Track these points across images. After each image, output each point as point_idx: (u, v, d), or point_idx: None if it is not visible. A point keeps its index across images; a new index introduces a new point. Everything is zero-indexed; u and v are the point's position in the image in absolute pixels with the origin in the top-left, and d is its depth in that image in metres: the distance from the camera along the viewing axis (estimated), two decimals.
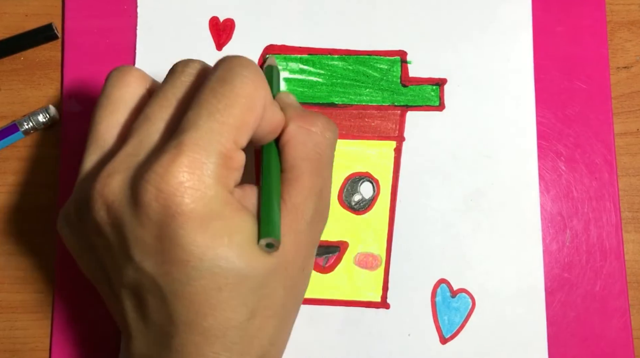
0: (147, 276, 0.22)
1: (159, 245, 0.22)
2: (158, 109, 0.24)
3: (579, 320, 0.32)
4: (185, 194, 0.21)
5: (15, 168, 0.34)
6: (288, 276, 0.24)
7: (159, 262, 0.22)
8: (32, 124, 0.34)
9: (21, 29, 0.35)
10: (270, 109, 0.24)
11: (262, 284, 0.23)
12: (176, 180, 0.21)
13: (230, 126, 0.22)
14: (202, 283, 0.22)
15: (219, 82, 0.23)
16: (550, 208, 0.33)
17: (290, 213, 0.24)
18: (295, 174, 0.25)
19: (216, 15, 0.35)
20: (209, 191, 0.22)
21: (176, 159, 0.21)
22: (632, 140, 0.34)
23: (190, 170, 0.21)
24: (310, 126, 0.26)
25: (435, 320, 0.33)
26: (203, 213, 0.22)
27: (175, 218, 0.21)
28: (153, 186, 0.21)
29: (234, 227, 0.22)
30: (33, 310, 0.33)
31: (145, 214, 0.22)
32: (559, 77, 0.34)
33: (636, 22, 0.35)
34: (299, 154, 0.26)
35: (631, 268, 0.33)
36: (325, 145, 0.26)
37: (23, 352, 0.33)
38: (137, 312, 0.24)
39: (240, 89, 0.23)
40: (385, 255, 0.33)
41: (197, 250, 0.22)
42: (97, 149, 0.25)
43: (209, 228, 0.22)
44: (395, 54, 0.34)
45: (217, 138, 0.22)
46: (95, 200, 0.23)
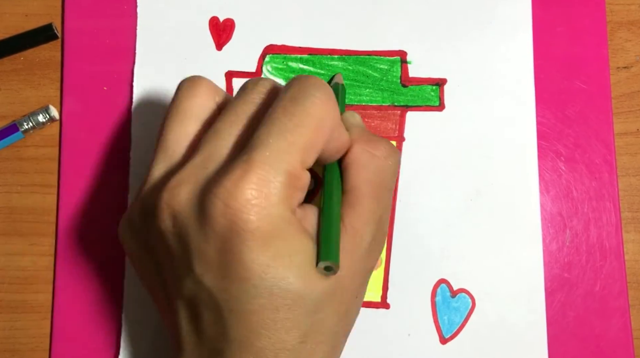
0: (205, 290, 0.22)
1: (221, 259, 0.22)
2: (228, 124, 0.24)
3: (579, 320, 0.32)
4: (251, 212, 0.21)
5: (15, 168, 0.34)
6: (342, 302, 0.24)
7: (219, 277, 0.22)
8: (32, 124, 0.34)
9: (21, 29, 0.35)
10: (338, 130, 0.24)
11: (317, 308, 0.23)
12: (244, 197, 0.21)
13: (299, 146, 0.22)
14: (260, 301, 0.22)
15: (290, 101, 0.23)
16: (550, 208, 0.33)
17: (349, 238, 0.24)
18: (356, 197, 0.25)
19: (216, 15, 0.35)
20: (275, 210, 0.22)
21: (245, 176, 0.21)
22: (632, 140, 0.34)
23: (258, 188, 0.21)
24: (374, 150, 0.26)
25: (435, 320, 0.33)
26: (267, 231, 0.22)
27: (240, 235, 0.21)
28: (221, 201, 0.21)
29: (295, 248, 0.22)
30: (33, 310, 0.33)
31: (210, 228, 0.22)
32: (559, 77, 0.34)
33: (636, 22, 0.35)
34: (362, 178, 0.25)
35: (631, 268, 0.33)
36: (387, 171, 0.26)
37: (23, 352, 0.33)
38: (191, 325, 0.24)
39: (311, 109, 0.23)
40: (385, 255, 0.33)
41: (259, 268, 0.22)
42: (165, 159, 0.25)
43: (272, 247, 0.22)
44: (395, 54, 0.34)
45: (285, 157, 0.22)
46: (162, 209, 0.23)
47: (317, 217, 0.24)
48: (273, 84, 0.26)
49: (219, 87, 0.27)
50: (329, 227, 0.24)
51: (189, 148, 0.25)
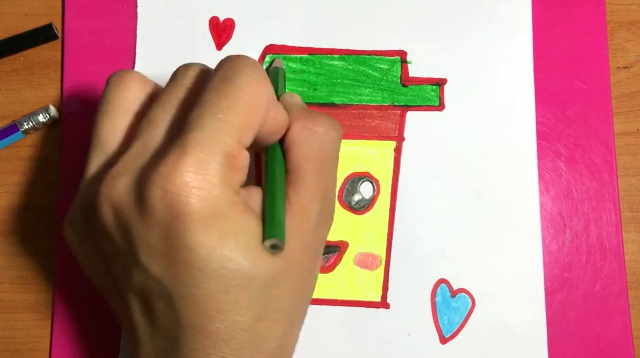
0: (154, 279, 0.22)
1: (165, 246, 0.22)
2: (161, 111, 0.24)
3: (579, 320, 0.32)
4: (190, 194, 0.21)
5: (15, 168, 0.34)
6: (295, 279, 0.24)
7: (166, 264, 0.22)
8: (32, 124, 0.34)
9: (21, 29, 0.35)
10: (274, 109, 0.24)
11: (269, 286, 0.23)
12: (181, 180, 0.21)
13: (234, 125, 0.22)
14: (209, 285, 0.22)
15: (221, 81, 0.23)
16: (550, 208, 0.33)
17: (296, 215, 0.24)
18: (299, 175, 0.25)
19: (216, 15, 0.35)
20: (215, 191, 0.21)
21: (181, 159, 0.21)
22: (632, 140, 0.34)
23: (195, 170, 0.21)
24: (314, 126, 0.26)
25: (435, 320, 0.33)
26: (209, 213, 0.21)
27: (180, 219, 0.21)
28: (158, 187, 0.21)
29: (240, 228, 0.22)
30: (33, 310, 0.33)
31: (151, 215, 0.21)
32: (559, 77, 0.34)
33: (636, 22, 0.35)
34: (304, 155, 0.25)
35: (631, 268, 0.33)
36: (329, 145, 0.26)
37: (23, 352, 0.33)
38: (145, 316, 0.23)
39: (244, 87, 0.23)
40: (385, 254, 0.33)
41: (203, 251, 0.21)
42: (100, 154, 0.25)
43: (215, 229, 0.21)
44: (395, 54, 0.34)
45: (221, 137, 0.22)
46: (102, 203, 0.23)
47: (262, 197, 0.24)
48: (203, 68, 0.25)
49: (149, 79, 0.27)
50: (272, 205, 0.24)
51: (123, 140, 0.25)
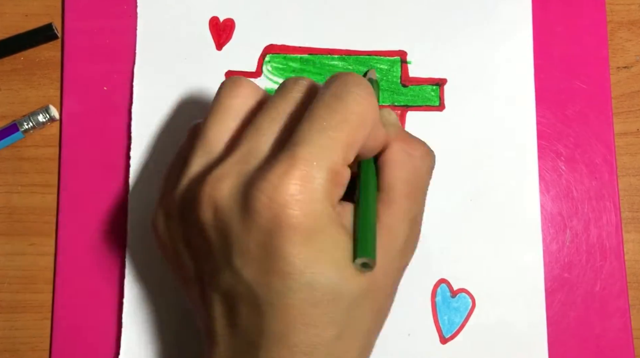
0: (244, 284, 0.23)
1: (262, 253, 0.22)
2: (269, 121, 0.25)
3: (579, 320, 0.32)
4: (295, 207, 0.21)
5: (15, 168, 0.34)
6: (376, 300, 0.24)
7: (260, 271, 0.22)
8: (32, 124, 0.34)
9: (21, 29, 0.35)
10: (377, 127, 0.24)
11: (353, 305, 0.23)
12: (288, 192, 0.21)
13: (341, 143, 0.23)
14: (300, 296, 0.22)
15: (332, 97, 0.23)
16: (550, 208, 0.33)
17: (384, 236, 0.24)
18: (392, 196, 0.25)
19: (216, 15, 0.35)
20: (318, 206, 0.22)
21: (289, 171, 0.22)
22: (632, 140, 0.34)
23: (302, 183, 0.22)
24: (412, 151, 0.26)
25: (435, 320, 0.33)
26: (310, 227, 0.22)
27: (283, 229, 0.21)
28: (265, 195, 0.22)
29: (335, 243, 0.23)
30: (33, 310, 0.33)
31: (253, 221, 0.22)
32: (559, 77, 0.34)
33: (636, 22, 0.35)
34: (398, 176, 0.25)
35: (631, 268, 0.33)
36: (424, 172, 0.26)
37: (23, 352, 0.33)
38: (227, 318, 0.24)
39: (353, 106, 0.23)
40: None
41: (300, 263, 0.22)
42: (204, 154, 0.26)
43: (314, 243, 0.22)
44: (395, 54, 0.34)
45: (328, 154, 0.22)
46: (203, 201, 0.23)
47: (352, 214, 0.24)
48: (312, 83, 0.26)
49: (260, 87, 0.27)
50: (365, 223, 0.24)
51: (228, 143, 0.26)
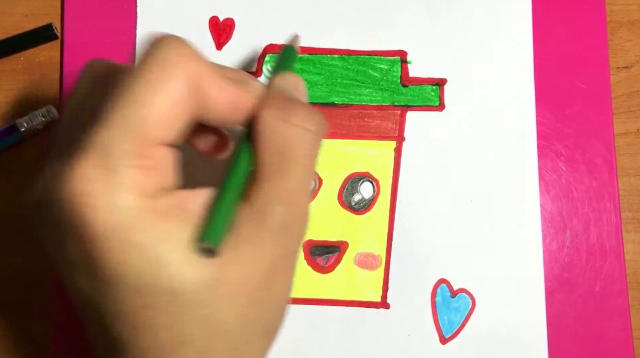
0: (84, 294, 0.20)
1: (83, 262, 0.20)
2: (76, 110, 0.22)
3: (579, 320, 0.32)
4: (87, 205, 0.19)
5: (15, 168, 0.34)
6: (242, 295, 0.20)
7: (89, 280, 0.20)
8: (32, 124, 0.34)
9: (21, 29, 0.35)
10: (217, 86, 0.21)
11: (199, 302, 0.20)
12: (77, 190, 0.19)
13: (142, 120, 0.19)
14: (131, 301, 0.19)
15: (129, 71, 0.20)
16: (550, 208, 0.33)
17: (252, 218, 0.21)
18: (263, 172, 0.21)
19: (216, 15, 0.35)
20: (119, 201, 0.19)
21: (78, 165, 0.19)
22: (632, 140, 0.34)
23: (93, 176, 0.19)
24: (289, 117, 0.22)
25: (435, 320, 0.33)
26: (113, 226, 0.19)
27: (84, 235, 0.19)
28: (58, 198, 0.19)
29: (155, 238, 0.19)
30: (33, 310, 0.33)
31: (60, 230, 0.20)
32: (559, 77, 0.34)
33: (636, 22, 0.35)
34: (271, 148, 0.21)
35: (631, 268, 0.33)
36: (304, 141, 0.22)
37: (23, 352, 0.33)
38: (93, 326, 0.22)
39: (152, 74, 0.19)
40: (385, 255, 0.33)
41: (115, 266, 0.19)
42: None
43: (126, 242, 0.19)
44: (395, 54, 0.34)
45: (125, 136, 0.19)
46: (31, 213, 0.21)
47: (209, 197, 0.21)
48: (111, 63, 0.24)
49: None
50: (216, 204, 0.20)
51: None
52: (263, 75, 0.34)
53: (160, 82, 0.19)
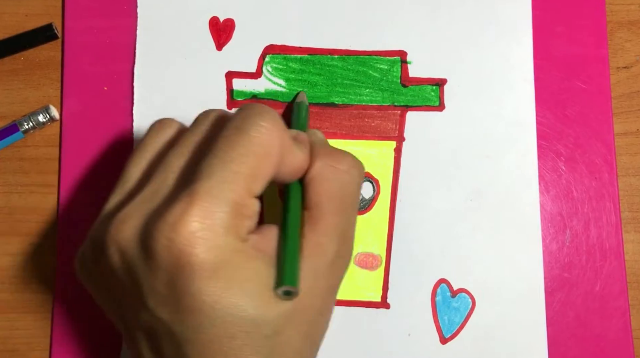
0: (161, 322, 0.22)
1: (171, 293, 0.22)
2: (175, 156, 0.24)
3: (579, 320, 0.32)
4: (195, 245, 0.21)
5: (15, 168, 0.34)
6: (305, 322, 0.24)
7: (172, 310, 0.22)
8: (32, 124, 0.34)
9: (21, 29, 0.35)
10: (290, 153, 0.24)
11: (276, 331, 0.23)
12: (187, 230, 0.21)
13: (243, 175, 0.22)
14: (215, 331, 0.22)
15: (234, 130, 0.23)
16: (550, 208, 0.33)
17: (311, 254, 0.24)
18: (319, 213, 0.25)
19: (216, 15, 0.35)
20: (221, 241, 0.22)
21: (188, 208, 0.21)
22: (632, 140, 0.34)
23: (201, 220, 0.21)
24: (337, 164, 0.26)
25: (435, 320, 0.33)
26: (214, 263, 0.21)
27: (185, 269, 0.21)
28: (164, 236, 0.21)
29: (245, 275, 0.22)
30: (33, 310, 0.33)
31: (156, 263, 0.22)
32: (559, 77, 0.34)
33: (636, 22, 0.35)
34: (324, 192, 0.25)
35: (631, 268, 0.33)
36: (351, 184, 0.26)
37: (23, 352, 0.33)
38: (153, 354, 0.24)
39: (255, 137, 0.23)
40: (385, 255, 0.33)
41: (208, 298, 0.21)
42: (121, 192, 0.26)
43: (221, 278, 0.22)
44: (395, 54, 0.34)
45: (229, 187, 0.22)
46: (109, 245, 0.23)
47: (277, 239, 0.24)
48: (222, 113, 0.26)
49: (185, 126, 0.27)
50: (285, 249, 0.23)
51: (141, 182, 0.25)
52: (263, 75, 0.34)
53: (263, 147, 0.23)
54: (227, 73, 0.34)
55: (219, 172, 0.22)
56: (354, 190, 0.26)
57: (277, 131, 0.23)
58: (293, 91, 0.34)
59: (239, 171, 0.22)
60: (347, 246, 0.26)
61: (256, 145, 0.23)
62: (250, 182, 0.22)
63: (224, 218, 0.22)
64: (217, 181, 0.22)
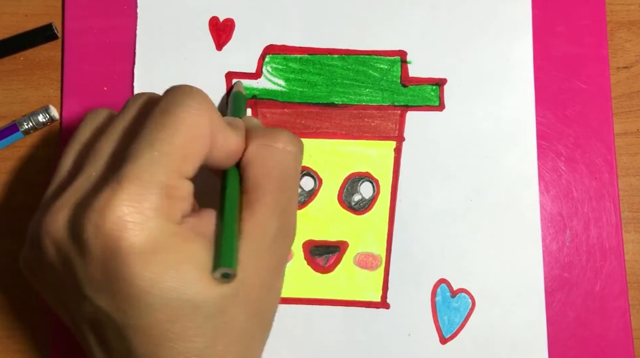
0: (102, 312, 0.22)
1: (106, 280, 0.21)
2: (104, 142, 0.24)
3: (579, 320, 0.32)
4: (124, 229, 0.21)
5: (15, 168, 0.34)
6: (250, 300, 0.24)
7: (110, 297, 0.22)
8: (32, 124, 0.34)
9: (21, 29, 0.35)
10: (223, 135, 0.24)
11: (218, 312, 0.22)
12: (115, 215, 0.21)
13: (172, 156, 0.22)
14: (155, 316, 0.21)
15: (161, 112, 0.23)
16: (550, 208, 0.33)
17: (251, 235, 0.24)
18: (257, 194, 0.24)
19: (216, 15, 0.35)
20: (150, 224, 0.21)
21: (115, 193, 0.21)
22: (632, 140, 0.34)
23: (129, 203, 0.21)
24: (272, 143, 0.25)
25: (435, 320, 0.33)
26: (145, 246, 0.21)
27: (117, 254, 0.21)
28: (92, 223, 0.21)
29: (181, 258, 0.22)
30: (33, 310, 0.33)
31: (88, 251, 0.21)
32: (559, 77, 0.34)
33: (636, 22, 0.35)
34: (261, 173, 0.25)
35: (631, 268, 0.33)
36: (288, 160, 0.26)
37: (23, 352, 0.33)
38: (100, 345, 0.24)
39: (183, 118, 0.22)
40: (385, 255, 0.33)
41: (143, 283, 0.21)
42: (55, 184, 0.25)
43: (154, 262, 0.21)
44: (395, 54, 0.34)
45: (158, 169, 0.22)
46: (43, 238, 0.23)
47: (215, 222, 0.24)
48: (150, 96, 0.25)
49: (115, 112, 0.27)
50: (223, 232, 0.23)
51: (75, 170, 0.25)
52: (263, 76, 0.34)
53: (191, 127, 0.22)
54: (227, 73, 0.34)
55: (147, 154, 0.22)
56: (291, 166, 0.26)
57: (206, 111, 0.23)
58: (293, 91, 0.34)
59: (167, 152, 0.22)
60: (289, 221, 0.26)
61: (184, 125, 0.22)
62: (179, 163, 0.22)
63: (154, 200, 0.21)
64: (145, 163, 0.21)
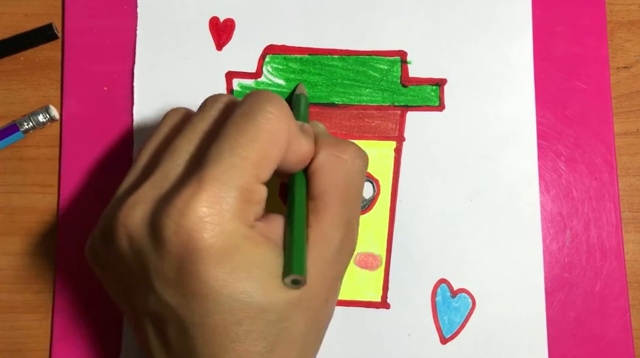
0: (168, 307, 0.23)
1: (179, 277, 0.22)
2: (185, 141, 0.25)
3: (579, 320, 0.32)
4: (204, 230, 0.21)
5: (15, 168, 0.34)
6: (310, 309, 0.24)
7: (180, 294, 0.22)
8: (32, 124, 0.34)
9: (21, 29, 0.35)
10: (296, 141, 0.25)
11: (282, 317, 0.23)
12: (195, 215, 0.21)
13: (251, 161, 0.23)
14: (222, 316, 0.22)
15: (242, 117, 0.23)
16: (550, 208, 0.33)
17: (316, 243, 0.24)
18: (323, 203, 0.25)
19: (216, 15, 0.35)
20: (229, 226, 0.22)
21: (196, 194, 0.22)
22: (632, 140, 0.34)
23: (209, 205, 0.22)
24: (341, 154, 0.26)
25: (435, 320, 0.33)
26: (222, 247, 0.22)
27: (194, 253, 0.21)
28: (173, 221, 0.22)
29: (253, 261, 0.22)
30: (33, 310, 0.33)
31: (165, 247, 0.22)
32: (559, 77, 0.34)
33: (636, 22, 0.35)
34: (328, 182, 0.25)
35: (631, 268, 0.33)
36: (355, 173, 0.26)
37: (23, 352, 0.33)
38: (159, 340, 0.24)
39: (263, 124, 0.23)
40: (385, 255, 0.33)
41: (216, 284, 0.22)
42: (132, 177, 0.26)
43: (228, 263, 0.22)
44: (395, 54, 0.34)
45: (238, 173, 0.22)
46: (118, 230, 0.23)
47: (283, 227, 0.24)
48: (231, 99, 0.26)
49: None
50: (292, 238, 0.24)
51: (152, 166, 0.25)
52: (263, 76, 0.34)
53: (270, 133, 0.23)
54: (227, 73, 0.34)
55: (228, 158, 0.22)
56: (358, 179, 0.26)
57: (285, 118, 0.24)
58: None
59: (247, 156, 0.22)
60: (352, 234, 0.26)
61: (264, 131, 0.23)
62: (258, 168, 0.23)
63: (232, 203, 0.22)
64: (226, 166, 0.22)
